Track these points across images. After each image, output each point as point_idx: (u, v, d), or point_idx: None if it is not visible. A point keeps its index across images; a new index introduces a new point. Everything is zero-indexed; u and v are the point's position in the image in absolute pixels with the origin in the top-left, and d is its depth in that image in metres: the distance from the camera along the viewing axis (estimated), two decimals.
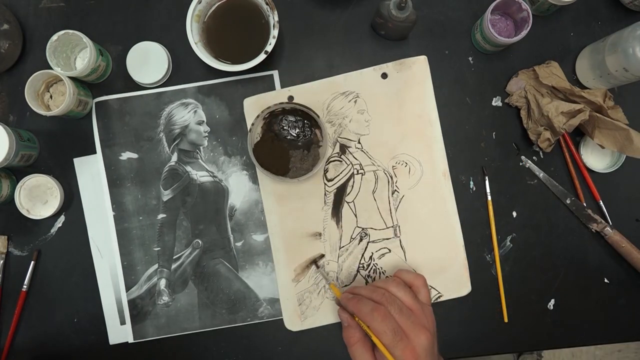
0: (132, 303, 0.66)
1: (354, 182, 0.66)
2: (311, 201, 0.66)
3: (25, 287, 0.65)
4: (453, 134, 0.67)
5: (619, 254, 0.66)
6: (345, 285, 0.66)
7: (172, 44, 0.67)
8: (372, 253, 0.66)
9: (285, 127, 0.65)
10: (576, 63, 0.68)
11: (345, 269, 0.66)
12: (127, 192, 0.66)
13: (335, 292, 0.61)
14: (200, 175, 0.67)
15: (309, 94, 0.66)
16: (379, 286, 0.55)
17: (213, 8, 0.65)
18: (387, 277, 0.64)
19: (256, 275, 0.66)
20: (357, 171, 0.66)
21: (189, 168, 0.67)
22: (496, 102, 0.68)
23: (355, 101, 0.66)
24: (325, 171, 0.66)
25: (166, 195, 0.67)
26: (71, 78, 0.62)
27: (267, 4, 0.61)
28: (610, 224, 0.67)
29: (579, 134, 0.68)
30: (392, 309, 0.52)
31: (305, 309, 0.65)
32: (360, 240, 0.66)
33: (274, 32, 0.60)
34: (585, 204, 0.67)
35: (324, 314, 0.65)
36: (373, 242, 0.66)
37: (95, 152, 0.67)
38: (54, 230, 0.67)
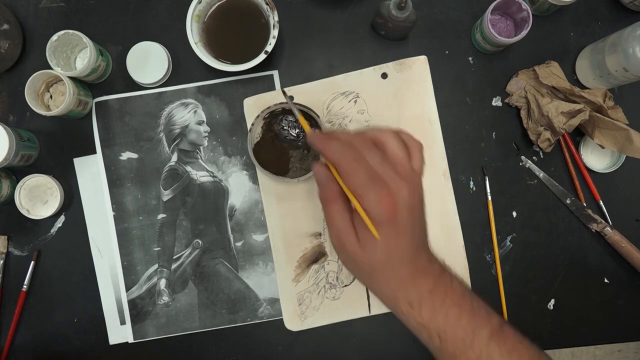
0: (132, 303, 0.66)
1: None
2: (311, 201, 0.66)
3: (25, 287, 0.65)
4: (453, 134, 0.67)
5: (619, 254, 0.66)
6: (346, 286, 0.66)
7: (172, 44, 0.67)
8: None
9: (285, 127, 0.65)
10: (576, 63, 0.68)
11: (345, 269, 0.66)
12: (127, 192, 0.66)
13: (303, 124, 0.50)
14: (200, 175, 0.67)
15: (309, 94, 0.66)
16: (367, 134, 0.46)
17: (213, 8, 0.65)
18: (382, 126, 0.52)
19: (256, 275, 0.66)
20: None
21: (189, 168, 0.67)
22: (496, 102, 0.68)
23: (355, 101, 0.66)
24: None
25: (166, 195, 0.67)
26: (71, 78, 0.62)
27: (267, 4, 0.61)
28: (610, 224, 0.67)
29: (579, 134, 0.68)
30: (370, 154, 0.43)
31: (305, 309, 0.65)
32: None
33: (274, 32, 0.60)
34: (585, 204, 0.67)
35: (324, 314, 0.65)
36: None
37: (95, 152, 0.67)
38: (54, 230, 0.67)
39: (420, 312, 0.45)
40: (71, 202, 0.67)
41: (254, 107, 0.66)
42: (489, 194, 0.67)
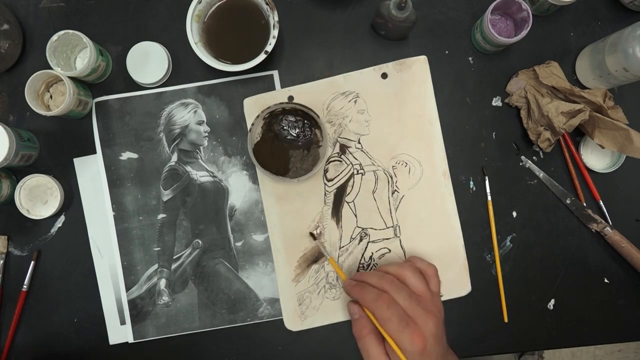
0: (132, 303, 0.66)
1: (354, 182, 0.66)
2: (311, 201, 0.66)
3: (25, 287, 0.65)
4: (453, 134, 0.67)
5: (619, 254, 0.66)
6: None
7: (172, 44, 0.67)
8: (372, 253, 0.66)
9: (285, 127, 0.65)
10: (576, 63, 0.68)
11: (345, 269, 0.66)
12: (127, 192, 0.66)
13: (338, 271, 0.61)
14: (200, 175, 0.67)
15: (309, 94, 0.66)
16: (390, 272, 0.54)
17: (213, 8, 0.65)
18: (400, 261, 0.62)
19: (256, 275, 0.66)
20: (357, 171, 0.66)
21: (189, 168, 0.67)
22: (496, 102, 0.68)
23: (355, 101, 0.66)
24: (325, 171, 0.66)
25: (166, 195, 0.67)
26: (71, 78, 0.62)
27: (267, 4, 0.61)
28: (610, 224, 0.67)
29: (579, 134, 0.68)
30: (399, 296, 0.51)
31: (305, 309, 0.65)
32: (360, 240, 0.66)
33: (274, 32, 0.60)
34: (585, 204, 0.67)
35: (324, 314, 0.65)
36: (373, 242, 0.66)
37: (95, 152, 0.67)
38: (54, 230, 0.67)
39: None
40: (71, 202, 0.67)
41: (254, 107, 0.66)
42: (489, 194, 0.67)
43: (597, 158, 0.68)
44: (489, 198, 0.67)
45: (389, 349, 0.50)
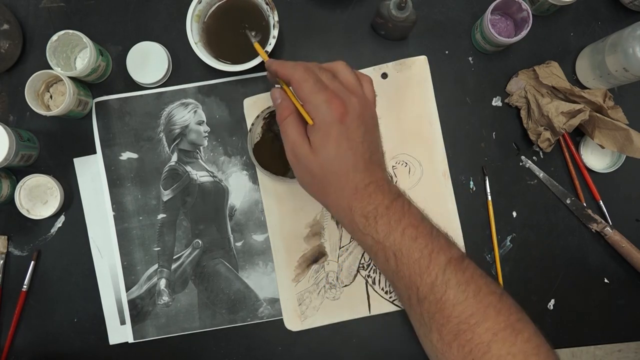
0: (132, 303, 0.66)
1: None
2: (311, 201, 0.66)
3: (25, 287, 0.65)
4: (453, 134, 0.67)
5: (619, 254, 0.66)
6: (346, 286, 0.66)
7: (172, 44, 0.67)
8: None
9: None
10: (576, 63, 0.68)
11: (345, 269, 0.66)
12: (127, 192, 0.66)
13: (260, 53, 0.56)
14: (200, 175, 0.67)
15: None
16: (316, 63, 0.50)
17: (213, 8, 0.65)
18: None
19: (256, 275, 0.66)
20: None
21: (189, 168, 0.67)
22: (496, 102, 0.68)
23: None
24: None
25: (166, 195, 0.67)
26: (71, 78, 0.62)
27: (267, 4, 0.61)
28: (610, 224, 0.67)
29: (579, 134, 0.68)
30: (321, 72, 0.47)
31: (305, 309, 0.65)
32: None
33: (274, 32, 0.60)
34: (585, 204, 0.67)
35: (324, 314, 0.65)
36: None
37: (95, 152, 0.67)
38: (54, 230, 0.67)
39: (376, 226, 0.45)
40: (71, 202, 0.67)
41: (254, 107, 0.66)
42: (489, 194, 0.67)
43: (597, 158, 0.68)
44: (489, 198, 0.67)
45: (309, 130, 0.46)
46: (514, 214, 0.67)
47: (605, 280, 0.67)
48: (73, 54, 0.66)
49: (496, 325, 0.44)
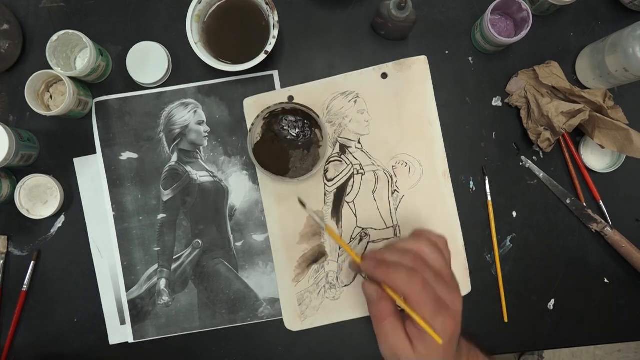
0: (132, 303, 0.66)
1: (354, 182, 0.66)
2: (311, 201, 0.66)
3: (25, 287, 0.65)
4: (453, 134, 0.67)
5: (619, 254, 0.66)
6: (346, 286, 0.66)
7: (172, 44, 0.67)
8: None
9: (285, 127, 0.65)
10: (576, 63, 0.68)
11: (345, 269, 0.66)
12: (127, 192, 0.66)
13: (349, 252, 0.52)
14: (200, 175, 0.67)
15: (309, 94, 0.66)
16: (408, 249, 0.48)
17: (213, 8, 0.65)
18: (408, 235, 0.54)
19: (256, 275, 0.66)
20: (357, 171, 0.66)
21: (189, 168, 0.67)
22: (496, 102, 0.68)
23: (355, 101, 0.66)
24: (325, 171, 0.66)
25: (166, 195, 0.67)
26: (71, 78, 0.62)
27: (267, 4, 0.61)
28: (610, 224, 0.67)
29: (579, 134, 0.68)
30: (428, 276, 0.46)
31: (305, 309, 0.65)
32: (360, 240, 0.66)
33: (274, 32, 0.60)
34: (585, 204, 0.67)
35: (324, 314, 0.65)
36: (373, 242, 0.66)
37: (95, 152, 0.67)
38: (54, 230, 0.67)
39: None
40: (71, 202, 0.67)
41: (254, 107, 0.66)
42: (489, 194, 0.67)
43: (597, 158, 0.68)
44: (489, 198, 0.67)
45: (408, 329, 0.46)
46: (514, 214, 0.67)
47: (605, 280, 0.67)
48: (73, 54, 0.66)
49: None
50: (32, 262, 0.65)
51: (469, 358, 0.50)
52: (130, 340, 0.66)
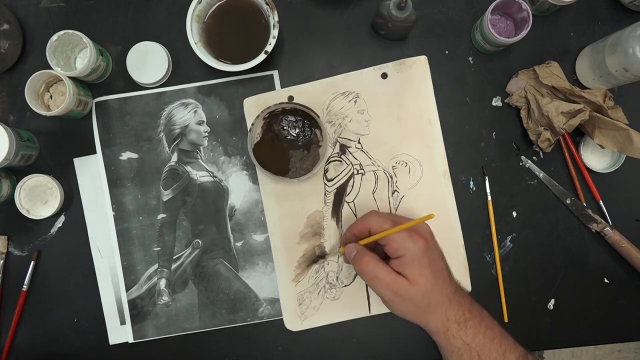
0: (132, 303, 0.66)
1: (354, 182, 0.66)
2: (311, 201, 0.66)
3: (25, 287, 0.65)
4: (453, 134, 0.67)
5: (619, 254, 0.66)
6: (346, 286, 0.66)
7: (172, 44, 0.67)
8: None
9: (285, 127, 0.65)
10: (576, 63, 0.68)
11: (345, 269, 0.66)
12: (127, 192, 0.66)
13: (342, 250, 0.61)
14: (200, 175, 0.67)
15: (309, 94, 0.66)
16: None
17: (213, 8, 0.65)
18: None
19: (256, 275, 0.66)
20: (357, 171, 0.66)
21: (189, 168, 0.67)
22: (496, 102, 0.68)
23: (355, 101, 0.66)
24: (325, 171, 0.66)
25: (166, 195, 0.67)
26: (71, 78, 0.62)
27: (267, 4, 0.61)
28: (610, 224, 0.67)
29: (579, 134, 0.68)
30: (389, 215, 0.56)
31: (305, 309, 0.65)
32: None
33: (274, 32, 0.60)
34: (585, 204, 0.67)
35: (324, 314, 0.65)
36: None
37: (95, 152, 0.67)
38: (54, 230, 0.67)
39: (466, 330, 0.51)
40: (71, 202, 0.67)
41: (254, 107, 0.66)
42: (489, 194, 0.67)
43: (597, 158, 0.68)
44: (489, 198, 0.67)
45: (399, 265, 0.51)
46: (514, 214, 0.67)
47: (605, 280, 0.67)
48: (73, 54, 0.65)
49: None
50: (32, 262, 0.65)
51: (472, 303, 0.53)
52: (130, 340, 0.66)
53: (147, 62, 0.65)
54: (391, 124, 0.66)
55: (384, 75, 0.67)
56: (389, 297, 0.52)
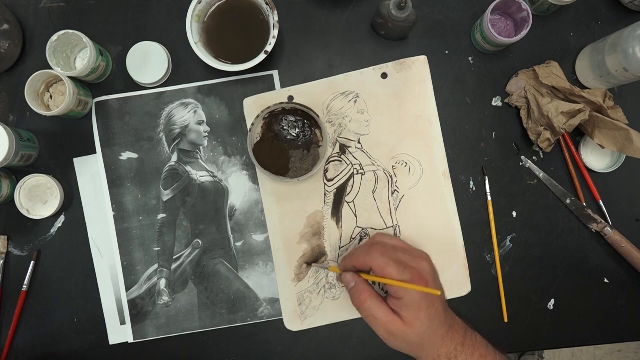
0: (132, 303, 0.66)
1: (354, 182, 0.66)
2: (311, 201, 0.66)
3: (25, 287, 0.65)
4: (453, 134, 0.67)
5: (619, 254, 0.66)
6: None
7: (172, 44, 0.67)
8: None
9: (285, 127, 0.65)
10: (576, 63, 0.68)
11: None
12: (127, 192, 0.66)
13: (336, 270, 0.60)
14: (200, 175, 0.67)
15: (309, 94, 0.66)
16: (367, 242, 0.56)
17: (213, 8, 0.65)
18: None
19: (256, 275, 0.66)
20: (357, 171, 0.66)
21: (189, 168, 0.67)
22: (496, 102, 0.68)
23: (355, 101, 0.66)
24: (325, 171, 0.66)
25: (166, 195, 0.67)
26: (71, 78, 0.62)
27: (267, 4, 0.61)
28: (610, 224, 0.67)
29: (579, 134, 0.68)
30: (385, 246, 0.53)
31: (305, 309, 0.65)
32: (360, 240, 0.66)
33: (274, 32, 0.60)
34: (585, 204, 0.67)
35: (324, 314, 0.65)
36: None
37: (95, 152, 0.67)
38: (54, 230, 0.67)
39: None
40: (71, 202, 0.67)
41: (254, 107, 0.66)
42: (489, 194, 0.67)
43: (597, 158, 0.68)
44: (489, 198, 0.67)
45: (397, 305, 0.51)
46: (514, 214, 0.67)
47: (605, 280, 0.67)
48: (73, 54, 0.66)
49: None
50: (32, 262, 0.65)
51: (466, 336, 0.53)
52: (130, 340, 0.66)
53: (147, 62, 0.65)
54: (391, 124, 0.66)
55: (384, 75, 0.67)
56: (382, 334, 0.52)
